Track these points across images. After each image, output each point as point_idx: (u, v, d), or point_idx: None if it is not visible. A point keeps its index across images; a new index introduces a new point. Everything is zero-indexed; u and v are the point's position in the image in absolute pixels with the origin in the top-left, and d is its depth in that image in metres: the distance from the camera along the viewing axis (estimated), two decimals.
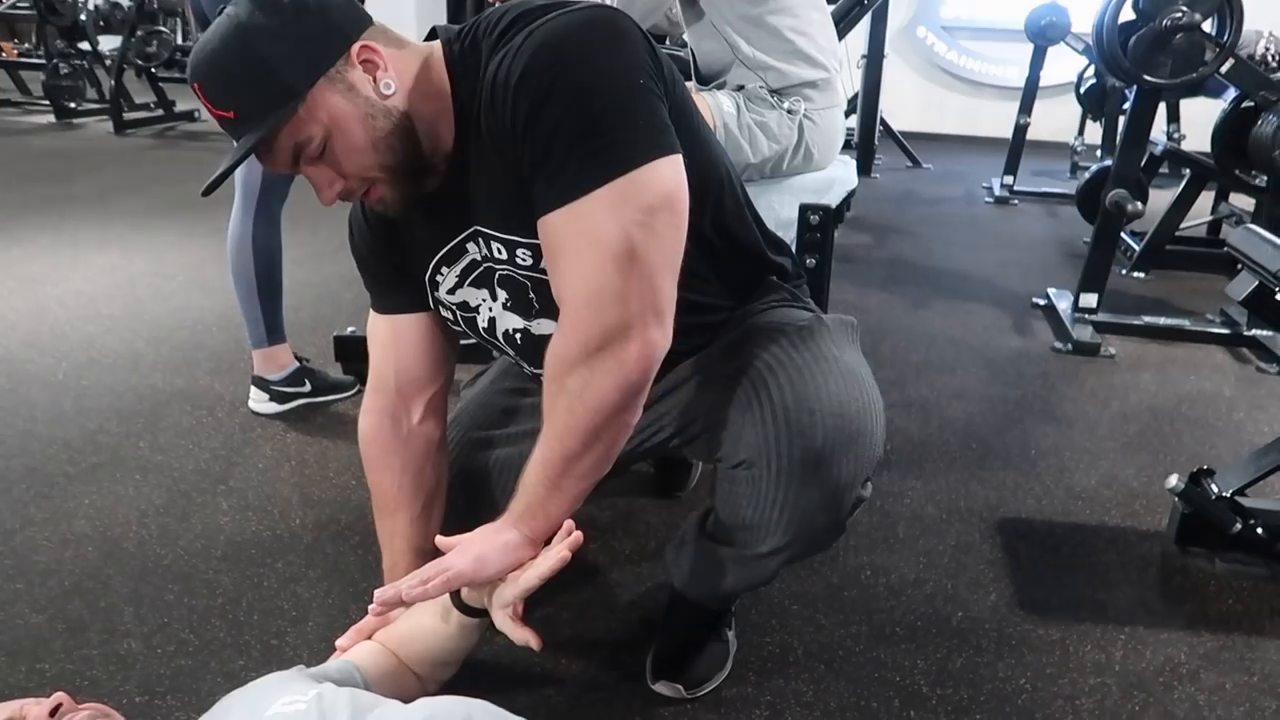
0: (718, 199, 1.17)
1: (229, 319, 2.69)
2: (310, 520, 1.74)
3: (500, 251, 1.11)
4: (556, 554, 1.06)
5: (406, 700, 1.22)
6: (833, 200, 2.25)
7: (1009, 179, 5.18)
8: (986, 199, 5.17)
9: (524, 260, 1.09)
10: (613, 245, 0.97)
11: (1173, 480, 1.61)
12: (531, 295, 1.13)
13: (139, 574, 1.56)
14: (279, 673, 1.07)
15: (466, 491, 1.37)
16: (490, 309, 1.19)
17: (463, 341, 1.35)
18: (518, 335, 1.20)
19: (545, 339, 1.06)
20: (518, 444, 1.36)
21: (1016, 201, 5.12)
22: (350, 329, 2.36)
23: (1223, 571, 1.65)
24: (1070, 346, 2.78)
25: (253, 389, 2.16)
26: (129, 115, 6.50)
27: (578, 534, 1.08)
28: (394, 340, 1.26)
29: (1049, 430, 2.23)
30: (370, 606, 1.10)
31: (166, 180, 4.81)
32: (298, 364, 2.17)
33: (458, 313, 1.21)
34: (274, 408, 2.15)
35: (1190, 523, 1.69)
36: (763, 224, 1.29)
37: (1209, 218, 4.03)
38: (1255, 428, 2.28)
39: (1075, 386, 2.52)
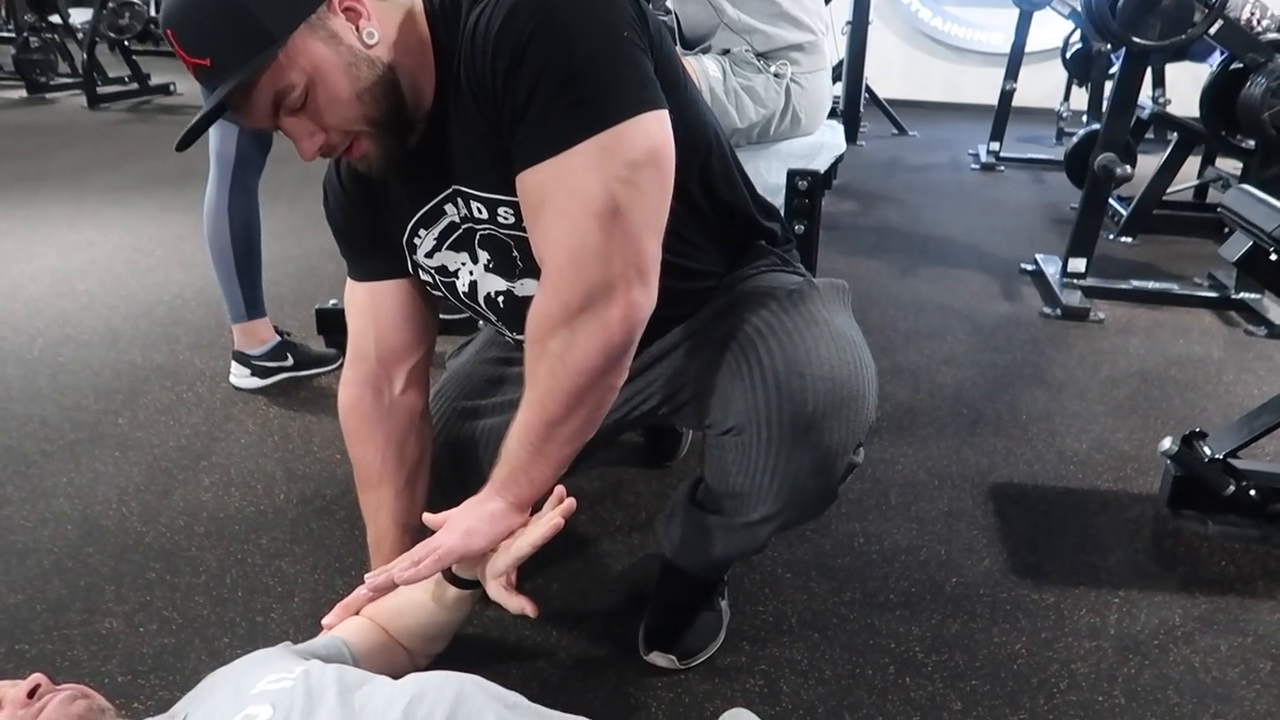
0: (705, 160, 1.13)
1: (208, 294, 2.64)
2: (294, 495, 1.71)
3: (481, 211, 1.07)
4: (549, 521, 1.04)
5: (396, 676, 1.20)
6: (821, 165, 2.22)
7: (995, 145, 5.16)
8: (972, 166, 5.14)
9: (506, 219, 1.06)
10: (595, 202, 0.93)
11: (1166, 443, 1.60)
12: (515, 254, 1.10)
13: (119, 552, 1.53)
14: (264, 650, 1.05)
15: (453, 463, 1.34)
16: (471, 272, 1.16)
17: (445, 317, 1.32)
18: (500, 298, 1.16)
19: (529, 301, 1.03)
20: (504, 413, 1.33)
21: (1003, 168, 5.09)
22: (332, 302, 2.32)
23: (1215, 534, 1.64)
24: (1059, 312, 2.77)
25: (233, 364, 2.12)
26: (103, 89, 6.38)
27: (570, 501, 1.05)
28: (373, 308, 1.23)
29: (1039, 395, 2.22)
30: (359, 590, 1.08)
31: (142, 155, 4.72)
32: (279, 338, 2.13)
33: (437, 277, 1.18)
34: (256, 382, 2.11)
35: (1183, 486, 1.68)
36: (752, 188, 1.26)
37: (1195, 182, 4.02)
38: (1245, 390, 2.27)
39: (1065, 351, 2.51)
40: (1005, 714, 1.22)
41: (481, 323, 1.37)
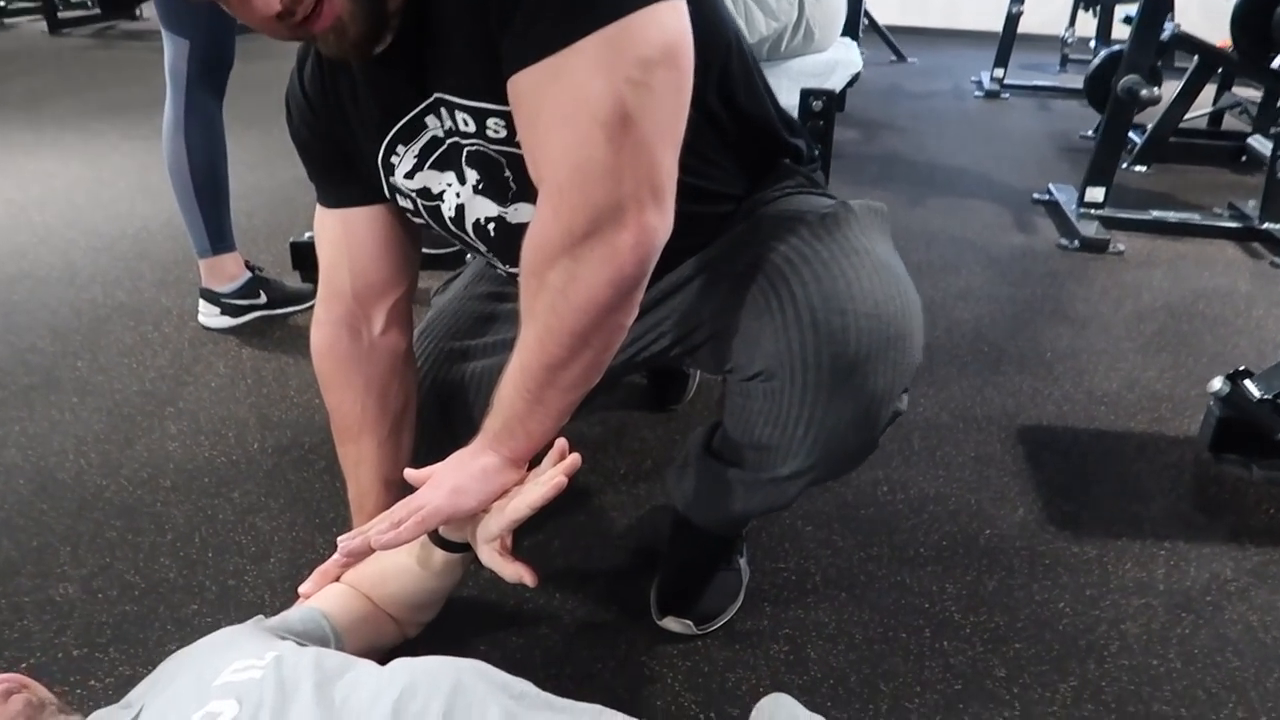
0: (724, 64, 0.98)
1: (175, 226, 2.46)
2: (269, 444, 1.57)
3: (467, 123, 0.92)
4: (550, 480, 0.91)
5: (383, 649, 1.08)
6: (836, 84, 2.06)
7: (999, 72, 4.95)
8: (976, 93, 4.95)
9: (496, 132, 0.91)
10: (601, 108, 0.78)
11: (1217, 383, 1.48)
12: (508, 174, 0.95)
13: (76, 508, 1.39)
14: (233, 628, 0.92)
15: (440, 410, 1.20)
16: (457, 195, 1.00)
17: (428, 251, 1.17)
18: (490, 225, 1.02)
19: (523, 229, 0.88)
20: (497, 354, 1.19)
21: (1007, 95, 4.90)
22: (307, 235, 2.16)
23: (1260, 480, 1.53)
24: (1077, 243, 2.63)
25: (201, 302, 1.97)
26: (64, 14, 6.07)
27: (574, 456, 0.92)
28: (347, 239, 1.08)
29: (1063, 331, 2.09)
30: (334, 557, 0.95)
31: (105, 82, 4.48)
32: (250, 274, 1.97)
33: (418, 201, 1.03)
34: (226, 321, 1.96)
35: (1227, 428, 1.56)
36: (774, 98, 1.11)
37: (1211, 109, 3.86)
38: (1277, 325, 2.15)
39: (1085, 285, 2.38)
40: (1054, 681, 1.12)
41: (470, 254, 1.22)
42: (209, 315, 1.96)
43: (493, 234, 1.02)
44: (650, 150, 0.81)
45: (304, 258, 2.14)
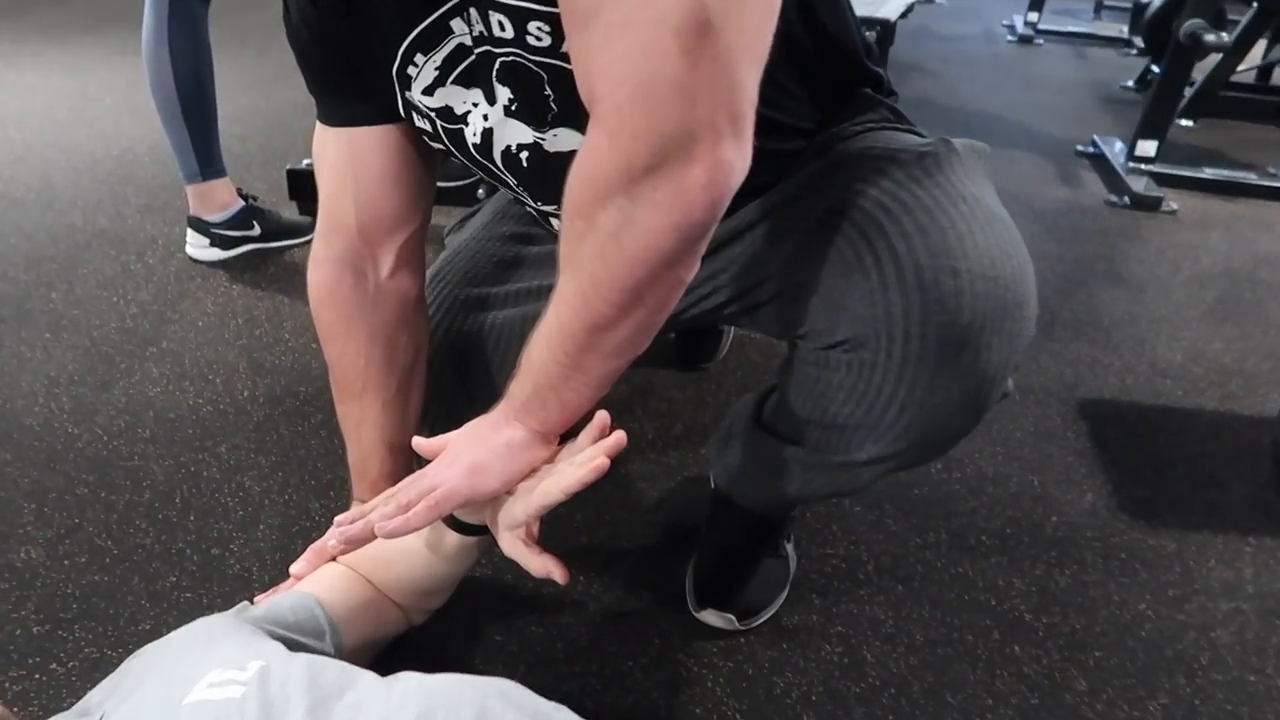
0: None
1: (164, 149, 2.26)
2: (261, 393, 1.43)
3: (503, 26, 0.75)
4: (590, 461, 0.76)
5: (385, 639, 0.95)
6: (890, 13, 1.87)
7: (1033, 16, 4.72)
8: (1008, 38, 4.72)
9: (539, 39, 0.74)
10: (675, 10, 0.61)
11: None
12: (548, 92, 0.79)
13: (44, 460, 1.25)
14: (212, 620, 0.79)
15: (455, 366, 1.06)
16: (485, 117, 0.84)
17: (443, 184, 1.01)
18: (523, 154, 0.86)
19: (564, 159, 0.73)
20: (521, 304, 1.05)
21: (1041, 41, 4.68)
22: (305, 162, 1.98)
23: None
24: (1127, 200, 2.47)
25: (189, 232, 1.80)
26: None
27: (619, 434, 0.77)
28: (352, 163, 0.92)
29: (1119, 295, 1.94)
30: (330, 543, 0.82)
31: None
32: (243, 203, 1.81)
33: (439, 123, 0.87)
34: (216, 254, 1.80)
35: None
36: (855, 17, 0.94)
37: (1260, 63, 3.66)
38: None
39: (1139, 245, 2.22)
40: (1141, 698, 0.99)
41: (483, 189, 1.07)
42: (197, 247, 1.80)
43: (525, 165, 0.86)
44: (731, 67, 0.65)
45: (302, 187, 1.97)
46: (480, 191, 1.89)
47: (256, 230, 1.81)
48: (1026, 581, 1.14)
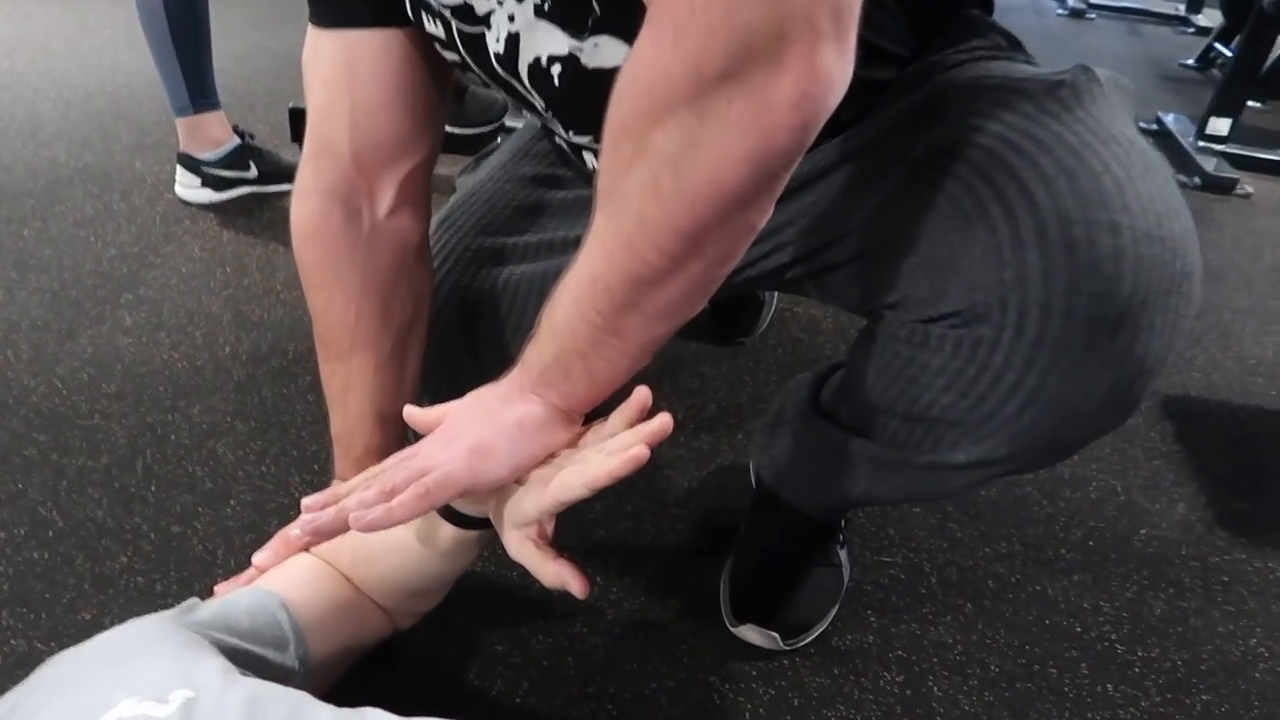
0: None
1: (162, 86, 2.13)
2: (244, 349, 1.27)
3: None
4: (626, 451, 0.60)
5: (363, 648, 0.80)
6: None
7: None
8: (1058, 11, 4.49)
9: None
10: None
11: None
12: None
13: None
14: (146, 623, 0.63)
15: (462, 327, 0.90)
16: (510, 18, 0.68)
17: (452, 131, 0.84)
18: (554, 68, 0.69)
19: (605, 78, 0.56)
20: (543, 259, 0.89)
21: (1093, 16, 4.45)
22: None
23: None
24: (1198, 180, 2.28)
25: (179, 170, 1.64)
26: None
27: (664, 418, 0.61)
28: (348, 74, 0.76)
29: None
30: (293, 531, 0.66)
31: None
32: (238, 140, 1.64)
33: (454, 25, 0.71)
34: (208, 196, 1.64)
35: None
36: None
37: None
38: None
39: (1214, 230, 2.03)
40: None
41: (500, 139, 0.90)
42: (188, 187, 1.64)
43: (557, 82, 0.70)
44: None
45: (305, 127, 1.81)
46: (499, 140, 1.73)
47: (253, 171, 1.65)
48: (1116, 605, 0.98)
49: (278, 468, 1.06)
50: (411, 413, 0.70)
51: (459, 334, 0.90)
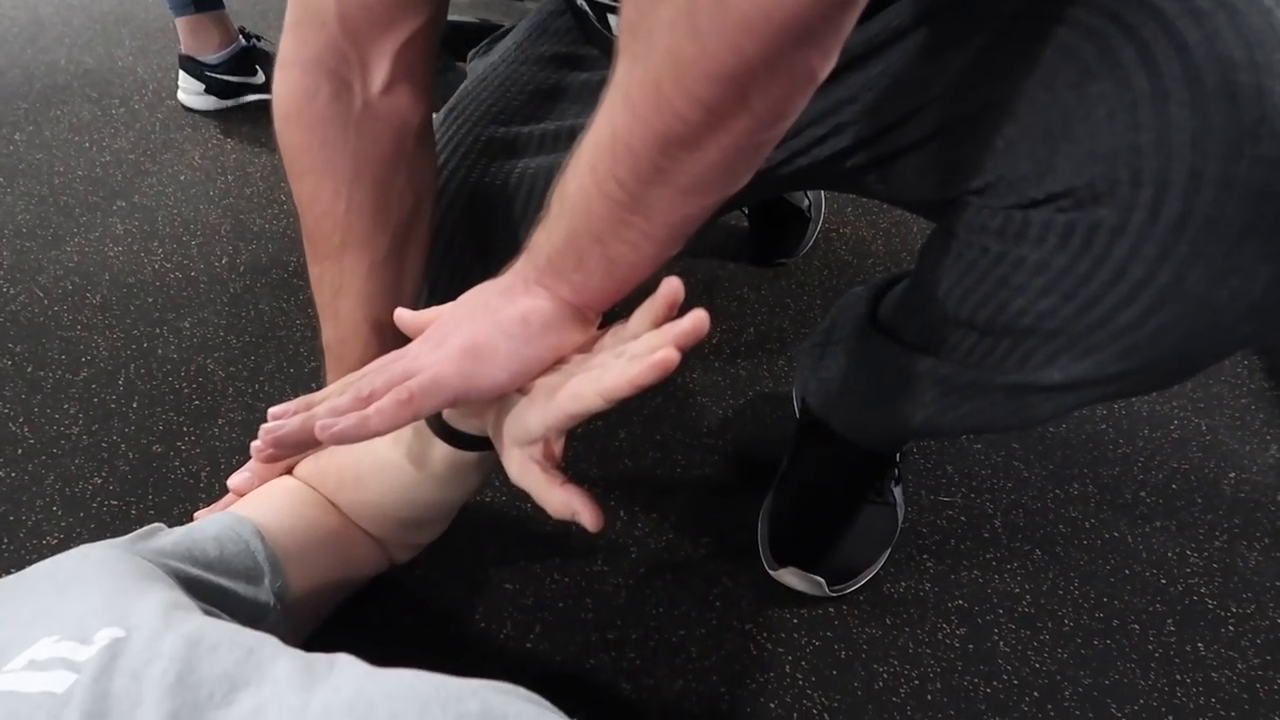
0: None
1: None
2: (243, 260, 1.17)
3: None
4: (652, 354, 0.48)
5: (353, 584, 0.70)
6: None
7: None
8: None
9: None
10: None
11: None
12: None
13: None
14: (90, 552, 0.54)
15: (470, 227, 0.79)
16: None
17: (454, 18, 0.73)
18: None
19: None
20: (561, 149, 0.78)
21: None
22: None
23: None
24: None
25: (181, 75, 1.53)
26: None
27: (700, 314, 0.50)
28: None
29: None
30: (253, 444, 0.56)
31: None
32: (244, 42, 1.53)
33: None
34: (211, 102, 1.53)
35: None
36: None
37: None
38: None
39: None
40: None
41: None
42: (190, 92, 1.53)
43: None
44: None
45: None
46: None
47: (260, 77, 1.54)
48: (1204, 556, 0.87)
49: (272, 386, 0.97)
50: (402, 314, 0.60)
51: (466, 235, 0.79)
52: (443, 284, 0.80)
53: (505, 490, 0.84)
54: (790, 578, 0.78)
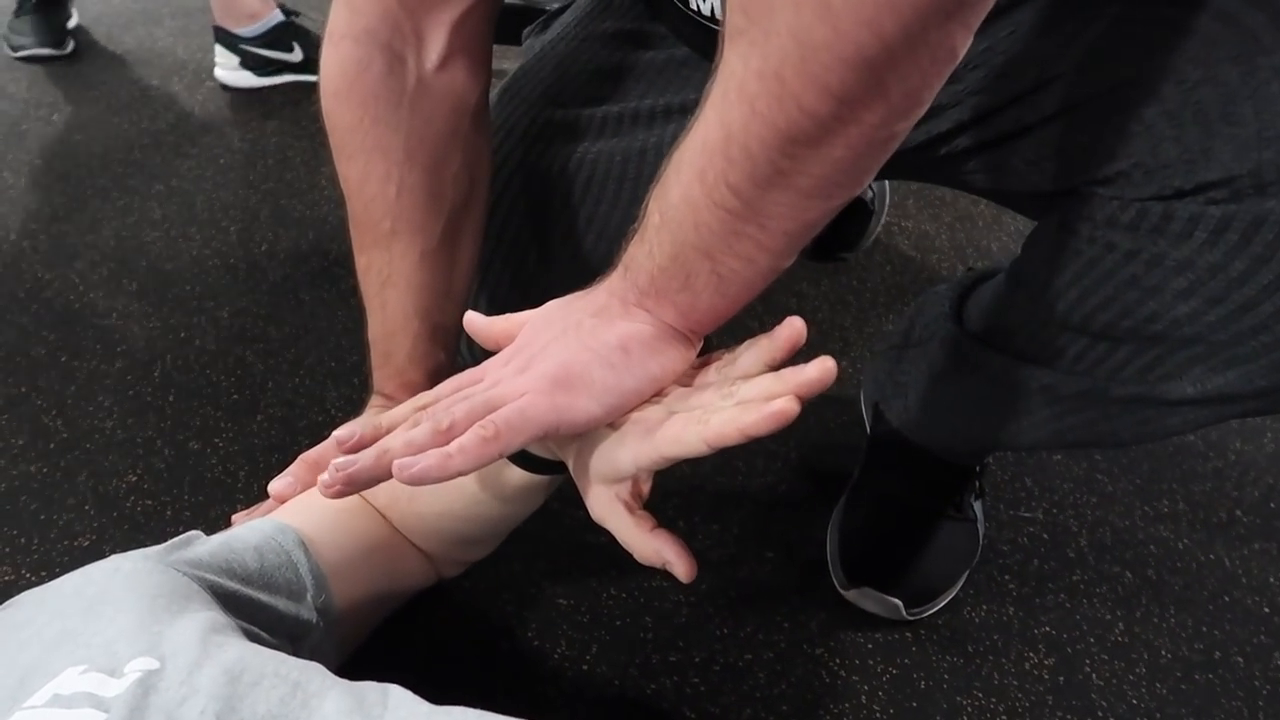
0: None
1: None
2: (283, 248, 1.13)
3: None
4: (769, 405, 0.42)
5: (398, 598, 0.66)
6: None
7: None
8: None
9: None
10: None
11: None
12: None
13: (1, 306, 0.98)
14: (120, 564, 0.49)
15: (527, 215, 0.74)
16: None
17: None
18: None
19: None
20: (626, 134, 0.73)
21: None
22: None
23: None
24: None
25: (217, 49, 1.49)
26: None
27: (827, 363, 0.44)
28: None
29: None
30: (321, 477, 0.51)
31: None
32: (282, 17, 1.49)
33: None
34: (249, 80, 1.49)
35: None
36: None
37: None
38: None
39: None
40: None
41: None
42: (227, 69, 1.49)
43: None
44: None
45: None
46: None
47: (298, 55, 1.50)
48: None
49: (313, 380, 0.92)
50: (474, 321, 0.54)
51: (523, 223, 0.74)
52: (495, 272, 0.75)
53: (556, 496, 0.79)
54: (864, 599, 0.72)
